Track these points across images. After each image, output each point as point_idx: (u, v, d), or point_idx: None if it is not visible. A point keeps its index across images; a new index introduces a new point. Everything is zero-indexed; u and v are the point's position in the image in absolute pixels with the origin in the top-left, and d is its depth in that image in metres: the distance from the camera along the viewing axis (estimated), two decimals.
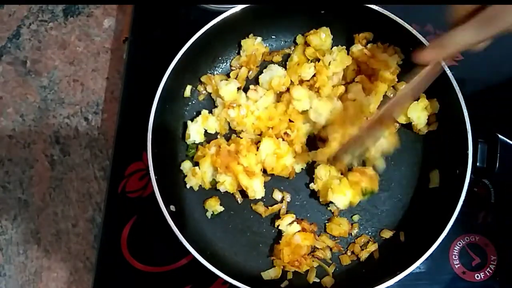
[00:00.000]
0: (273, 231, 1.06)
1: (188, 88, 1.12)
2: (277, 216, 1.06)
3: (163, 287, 1.06)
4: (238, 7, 1.05)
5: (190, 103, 1.13)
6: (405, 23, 1.04)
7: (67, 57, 1.26)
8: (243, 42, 1.12)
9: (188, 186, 1.07)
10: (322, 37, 1.10)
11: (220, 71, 1.15)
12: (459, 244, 1.07)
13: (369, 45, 1.10)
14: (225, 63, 1.16)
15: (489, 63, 1.16)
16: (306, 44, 1.13)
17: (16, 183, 1.18)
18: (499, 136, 1.02)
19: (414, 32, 1.03)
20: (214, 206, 1.06)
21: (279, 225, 1.04)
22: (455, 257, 1.06)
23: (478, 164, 1.00)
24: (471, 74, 1.14)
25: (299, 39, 1.14)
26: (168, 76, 1.03)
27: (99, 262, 1.08)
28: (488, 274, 1.05)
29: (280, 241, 1.02)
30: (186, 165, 1.08)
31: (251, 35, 1.12)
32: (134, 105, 1.14)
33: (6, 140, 1.20)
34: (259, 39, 1.13)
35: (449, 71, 1.01)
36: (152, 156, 0.99)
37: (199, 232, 1.06)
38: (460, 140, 0.99)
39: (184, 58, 1.05)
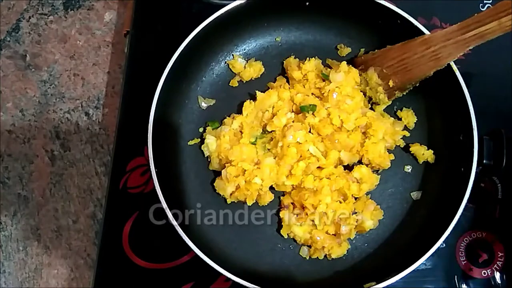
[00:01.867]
0: (274, 226, 1.05)
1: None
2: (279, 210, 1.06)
3: (165, 285, 1.05)
4: (242, 0, 1.04)
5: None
6: (410, 17, 1.04)
7: (67, 51, 1.25)
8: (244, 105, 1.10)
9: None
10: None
11: (223, 64, 1.14)
12: (466, 240, 1.06)
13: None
14: (229, 57, 1.14)
15: (494, 57, 1.15)
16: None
17: (16, 179, 1.16)
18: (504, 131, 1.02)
19: (420, 26, 1.03)
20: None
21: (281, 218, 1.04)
22: (461, 253, 1.05)
23: (485, 161, 1.00)
24: (477, 69, 1.14)
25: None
26: (170, 69, 1.02)
27: (100, 259, 1.06)
28: (495, 270, 1.04)
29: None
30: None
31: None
32: (135, 100, 1.13)
33: (6, 135, 1.19)
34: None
35: (455, 66, 1.00)
36: (153, 151, 0.98)
37: (201, 228, 1.05)
38: (466, 137, 0.99)
39: (186, 52, 1.04)
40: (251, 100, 1.09)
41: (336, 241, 1.01)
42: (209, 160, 1.08)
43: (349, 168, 1.06)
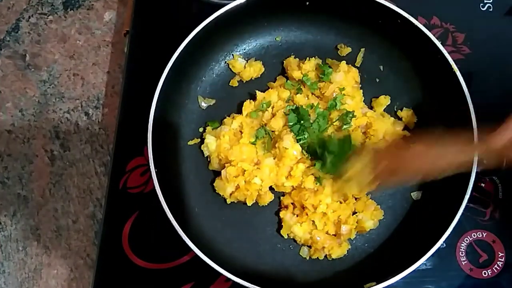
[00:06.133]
0: (274, 226, 1.05)
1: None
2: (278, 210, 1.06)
3: (165, 285, 1.04)
4: (241, 0, 1.04)
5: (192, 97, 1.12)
6: (411, 17, 1.04)
7: (67, 50, 1.25)
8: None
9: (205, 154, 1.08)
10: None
11: (223, 64, 1.14)
12: (466, 240, 1.05)
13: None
14: (229, 57, 1.14)
15: (495, 57, 1.15)
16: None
17: (16, 179, 1.16)
18: None
19: (420, 25, 1.03)
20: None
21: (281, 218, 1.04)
22: (462, 253, 1.04)
23: (485, 161, 0.98)
24: (477, 69, 1.14)
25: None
26: (169, 69, 1.02)
27: (100, 259, 1.06)
28: (495, 271, 1.03)
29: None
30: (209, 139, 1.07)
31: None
32: (135, 100, 1.13)
33: (5, 135, 1.19)
34: None
35: (455, 66, 1.01)
36: (153, 151, 0.98)
37: (201, 228, 1.05)
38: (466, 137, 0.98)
39: (186, 52, 1.03)
40: (251, 100, 1.09)
41: (336, 241, 1.01)
42: (209, 160, 1.08)
43: None
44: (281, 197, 1.05)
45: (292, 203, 1.04)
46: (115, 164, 1.11)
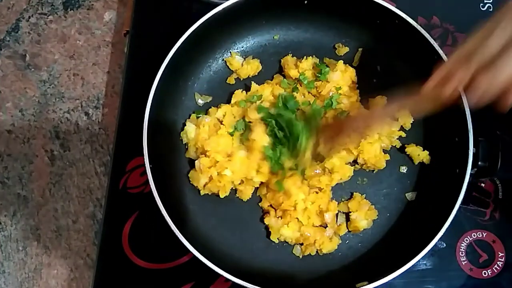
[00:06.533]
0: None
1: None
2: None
3: (165, 285, 1.05)
4: None
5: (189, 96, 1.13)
6: (408, 17, 1.03)
7: (67, 50, 1.25)
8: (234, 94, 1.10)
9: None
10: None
11: (220, 61, 1.14)
12: (466, 240, 1.05)
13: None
14: (226, 54, 1.14)
15: None
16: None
17: (16, 179, 1.16)
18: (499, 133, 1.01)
19: (417, 26, 1.03)
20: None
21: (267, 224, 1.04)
22: (462, 253, 1.04)
23: (480, 163, 0.98)
24: None
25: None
26: (166, 66, 1.02)
27: (99, 259, 1.06)
28: (495, 271, 1.03)
29: None
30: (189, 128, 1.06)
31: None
32: (135, 100, 1.12)
33: (5, 135, 1.19)
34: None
35: None
36: (148, 148, 0.98)
37: (197, 226, 1.05)
38: (462, 138, 0.98)
39: (183, 49, 1.04)
40: (244, 91, 1.09)
41: (325, 234, 1.01)
42: (186, 148, 1.08)
43: None
44: (259, 203, 1.06)
45: (271, 206, 1.04)
46: (115, 164, 1.11)
